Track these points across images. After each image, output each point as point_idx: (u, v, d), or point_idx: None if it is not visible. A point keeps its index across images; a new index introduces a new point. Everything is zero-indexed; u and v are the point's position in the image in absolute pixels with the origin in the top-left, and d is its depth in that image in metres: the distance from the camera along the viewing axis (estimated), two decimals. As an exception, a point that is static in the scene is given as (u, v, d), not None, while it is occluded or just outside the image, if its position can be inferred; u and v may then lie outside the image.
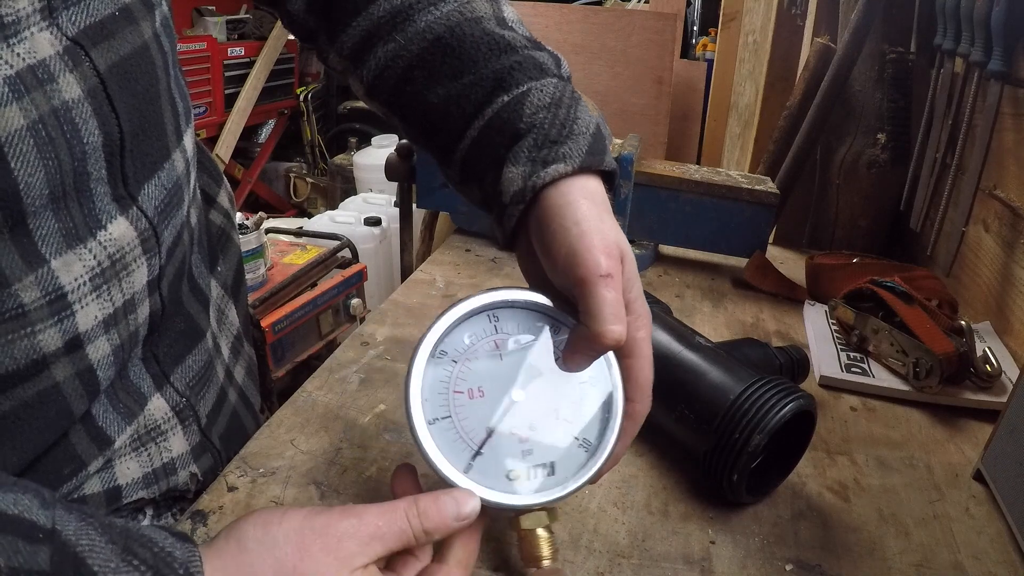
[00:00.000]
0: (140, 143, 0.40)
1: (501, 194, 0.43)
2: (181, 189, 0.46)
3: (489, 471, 0.39)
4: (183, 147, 0.46)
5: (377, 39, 0.47)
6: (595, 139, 0.44)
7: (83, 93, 0.36)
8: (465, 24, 0.46)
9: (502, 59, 0.45)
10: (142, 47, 0.40)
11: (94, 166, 0.37)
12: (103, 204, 0.38)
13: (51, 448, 0.40)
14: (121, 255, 0.40)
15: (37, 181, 0.34)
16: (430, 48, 0.46)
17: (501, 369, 0.41)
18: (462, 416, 0.40)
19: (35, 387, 0.38)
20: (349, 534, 0.35)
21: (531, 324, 0.42)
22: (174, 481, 0.49)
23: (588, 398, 0.41)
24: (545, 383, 0.41)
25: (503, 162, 0.43)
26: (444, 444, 0.39)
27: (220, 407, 0.55)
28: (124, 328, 0.42)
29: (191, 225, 0.49)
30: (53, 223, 0.36)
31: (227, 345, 0.59)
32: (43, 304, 0.36)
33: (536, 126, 0.43)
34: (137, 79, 0.40)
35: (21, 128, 0.33)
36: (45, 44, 0.34)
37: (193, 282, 0.53)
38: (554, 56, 0.48)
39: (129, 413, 0.45)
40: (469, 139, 0.45)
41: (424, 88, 0.46)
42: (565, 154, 0.42)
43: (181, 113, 0.46)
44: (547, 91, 0.44)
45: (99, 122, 0.37)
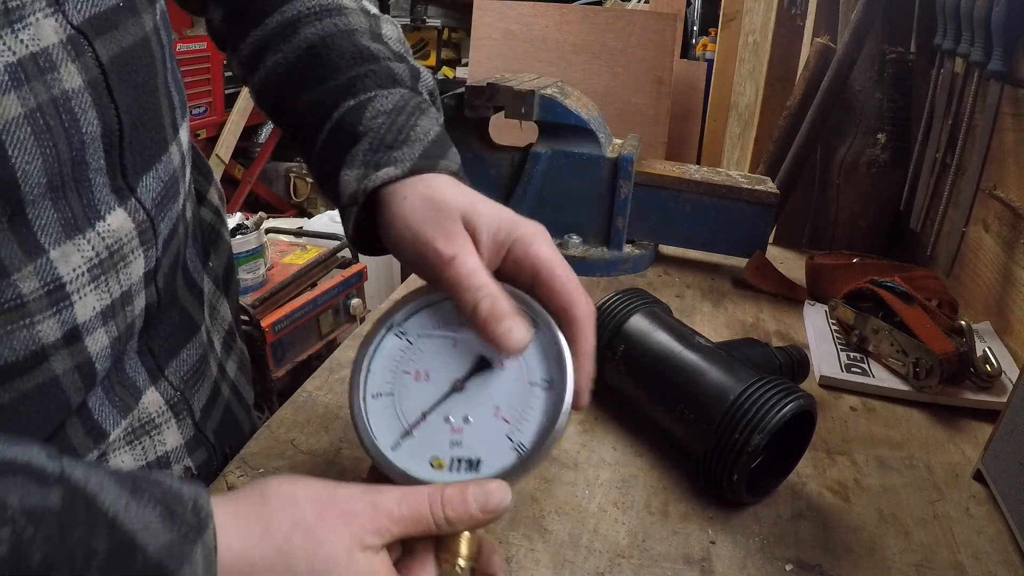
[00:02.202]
0: (139, 135, 0.40)
1: (339, 196, 0.45)
2: (177, 182, 0.46)
3: (415, 454, 0.39)
4: (179, 140, 0.46)
5: (268, 49, 0.50)
6: (431, 146, 0.45)
7: (84, 83, 0.36)
8: (338, 35, 0.49)
9: (360, 67, 0.48)
10: (143, 39, 0.40)
11: (93, 156, 0.37)
12: (102, 195, 0.38)
13: (48, 441, 0.40)
14: (119, 246, 0.40)
15: (35, 170, 0.34)
16: (303, 56, 0.49)
17: (452, 357, 0.41)
18: (403, 396, 0.40)
19: (34, 379, 0.38)
20: (367, 511, 0.35)
21: None
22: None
23: (535, 402, 0.39)
24: (493, 378, 0.40)
25: (341, 164, 0.45)
26: (380, 419, 0.40)
27: (214, 401, 0.55)
28: (121, 320, 0.42)
29: (186, 218, 0.50)
30: (52, 213, 0.36)
31: (219, 340, 0.59)
32: (42, 295, 0.36)
33: (373, 130, 0.45)
34: (138, 71, 0.40)
35: (19, 116, 0.32)
36: (49, 31, 0.34)
37: (188, 275, 0.53)
38: (413, 69, 0.50)
39: (124, 406, 0.45)
40: (320, 142, 0.47)
41: (294, 94, 0.49)
42: (397, 158, 0.44)
43: (177, 107, 0.46)
44: (391, 99, 0.46)
45: (98, 113, 0.37)
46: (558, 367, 0.39)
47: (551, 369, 0.39)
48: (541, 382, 0.39)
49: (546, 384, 0.39)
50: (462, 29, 4.41)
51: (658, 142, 2.21)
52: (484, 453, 0.39)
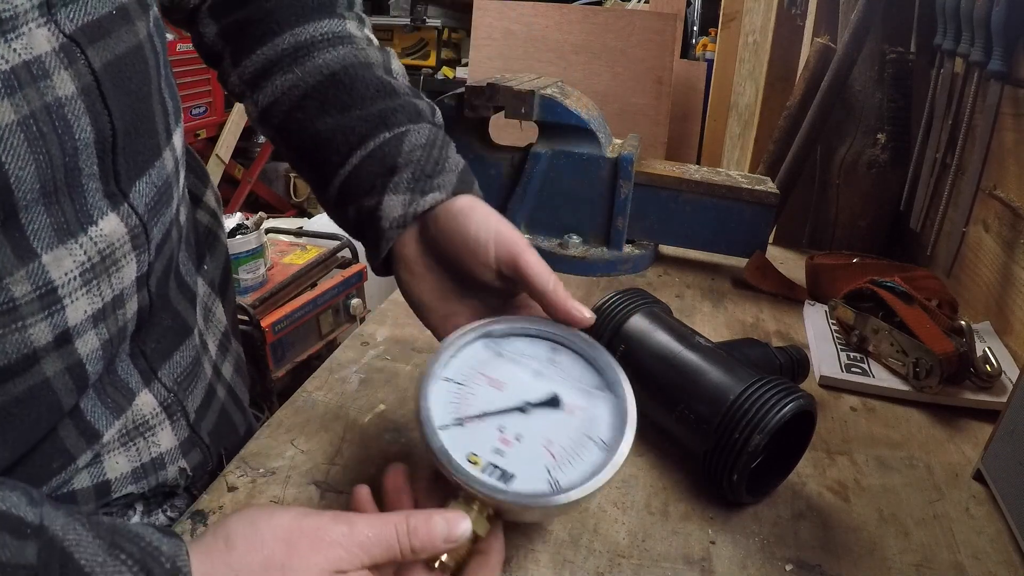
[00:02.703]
0: (132, 141, 0.41)
1: (380, 219, 0.49)
2: (171, 187, 0.46)
3: (458, 442, 0.40)
4: (173, 146, 0.47)
5: (277, 69, 0.53)
6: (463, 173, 0.51)
7: (77, 90, 0.36)
8: (359, 66, 0.53)
9: (387, 101, 0.52)
10: (137, 46, 0.41)
11: (86, 162, 0.37)
12: (95, 200, 0.39)
13: (40, 443, 0.41)
14: (111, 251, 0.40)
15: (28, 176, 0.34)
16: (325, 82, 0.52)
17: (530, 383, 0.44)
18: (472, 392, 0.43)
19: (26, 382, 0.38)
20: (338, 540, 0.36)
21: (587, 372, 0.46)
22: (163, 476, 0.50)
23: (586, 455, 0.41)
24: (558, 416, 0.43)
25: (383, 191, 0.49)
26: (441, 399, 0.42)
27: (209, 403, 0.55)
28: (113, 323, 0.42)
29: (179, 223, 0.50)
30: (45, 218, 0.36)
31: (214, 342, 0.59)
32: (34, 298, 0.36)
33: (413, 162, 0.50)
34: (131, 78, 0.40)
35: (12, 123, 0.33)
36: (42, 40, 0.34)
37: (180, 279, 0.53)
38: (431, 105, 0.55)
39: (117, 408, 0.46)
40: (350, 166, 0.50)
41: (314, 116, 0.52)
42: (439, 184, 0.49)
43: (171, 112, 0.47)
44: (423, 134, 0.51)
45: (92, 119, 0.37)
46: (619, 435, 0.41)
47: (613, 434, 0.42)
48: (599, 441, 0.42)
49: (603, 445, 0.42)
50: (462, 29, 4.40)
51: (658, 142, 2.21)
52: (520, 472, 0.40)
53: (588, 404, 0.44)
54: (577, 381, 0.45)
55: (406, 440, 0.57)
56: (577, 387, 0.45)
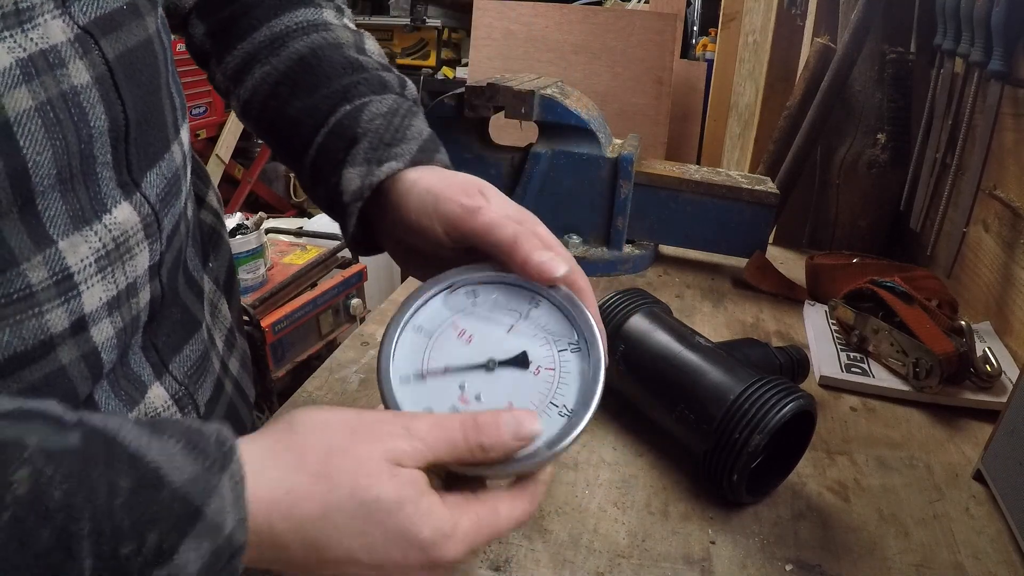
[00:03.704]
0: (143, 132, 0.42)
1: (342, 194, 0.48)
2: (180, 180, 0.47)
3: (416, 397, 0.39)
4: (181, 140, 0.48)
5: (256, 61, 0.53)
6: (427, 141, 0.49)
7: (91, 79, 0.37)
8: (327, 47, 0.53)
9: (352, 76, 0.51)
10: (147, 40, 0.42)
11: (100, 150, 0.38)
12: (108, 189, 0.40)
13: None
14: (125, 238, 0.41)
15: (45, 160, 0.35)
16: (294, 67, 0.52)
17: (501, 339, 0.41)
18: (440, 343, 0.41)
19: (42, 369, 0.38)
20: (401, 434, 0.35)
21: (563, 330, 0.42)
22: None
23: (547, 421, 0.39)
24: (523, 378, 0.40)
25: (342, 164, 0.48)
26: (406, 350, 0.41)
27: (218, 397, 0.56)
28: (127, 311, 0.43)
29: (187, 217, 0.51)
30: (61, 205, 0.37)
31: (221, 338, 0.60)
32: (50, 284, 0.37)
33: (371, 131, 0.48)
34: (142, 70, 0.41)
35: (30, 109, 0.34)
36: (57, 31, 0.35)
37: (188, 274, 0.54)
38: (400, 78, 0.54)
39: (130, 400, 0.46)
40: (316, 145, 0.50)
41: (285, 102, 0.52)
42: (397, 154, 0.47)
43: (178, 108, 0.48)
44: (385, 103, 0.50)
45: (106, 108, 0.38)
46: (583, 406, 0.39)
47: (577, 404, 0.39)
48: (562, 408, 0.39)
49: (565, 413, 0.39)
50: (462, 29, 4.40)
51: (658, 142, 2.21)
52: None
53: (557, 365, 0.41)
54: (550, 339, 0.42)
55: (406, 440, 0.57)
56: (549, 346, 0.42)
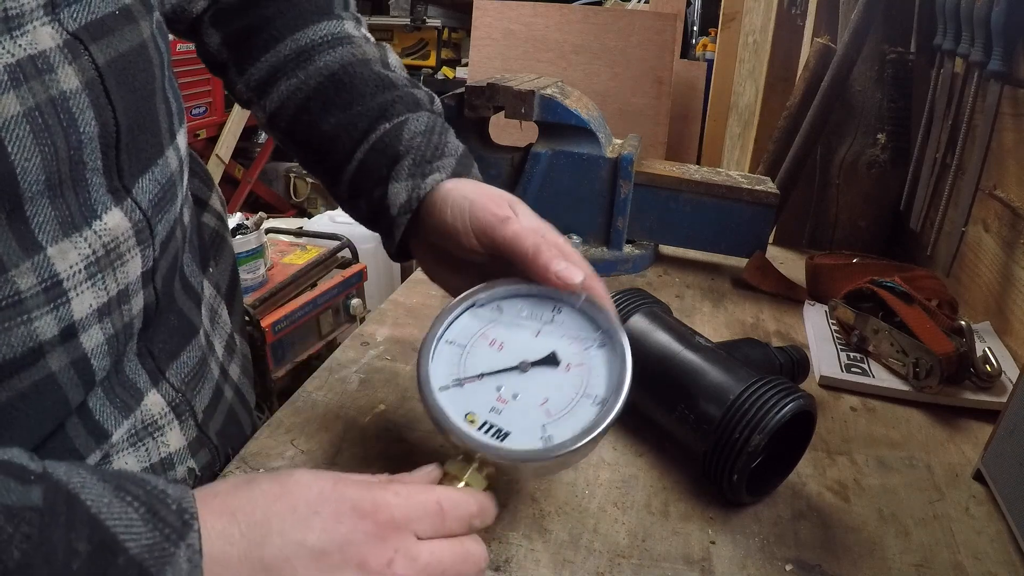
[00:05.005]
0: (135, 138, 0.41)
1: (389, 208, 0.51)
2: (175, 186, 0.47)
3: (456, 402, 0.42)
4: (176, 146, 0.47)
5: (282, 74, 0.55)
6: (463, 157, 0.53)
7: (81, 85, 0.36)
8: (357, 64, 0.55)
9: (386, 94, 0.54)
10: (140, 45, 0.41)
11: (90, 156, 0.38)
12: (98, 195, 0.39)
13: (48, 440, 0.41)
14: (115, 245, 0.40)
15: (34, 167, 0.34)
16: (326, 83, 0.54)
17: (530, 343, 0.45)
18: (472, 353, 0.44)
19: (31, 377, 0.38)
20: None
21: (587, 330, 0.46)
22: (172, 476, 0.50)
23: (581, 412, 0.42)
24: (556, 375, 0.43)
25: (387, 180, 0.51)
26: (442, 361, 0.44)
27: (216, 403, 0.56)
28: (118, 318, 0.42)
29: (183, 223, 0.50)
30: (50, 211, 0.36)
31: (221, 344, 0.60)
32: (39, 291, 0.36)
33: (414, 148, 0.52)
34: (135, 75, 0.41)
35: (18, 115, 0.33)
36: (46, 37, 0.35)
37: (185, 281, 0.53)
38: (429, 94, 0.57)
39: (126, 407, 0.46)
40: (356, 161, 0.53)
41: (319, 117, 0.54)
42: (439, 167, 0.51)
43: (175, 113, 0.47)
44: (422, 121, 0.53)
45: (96, 113, 0.37)
46: (615, 393, 0.42)
47: (608, 392, 0.42)
48: (595, 398, 0.42)
49: (599, 401, 0.42)
50: (462, 29, 4.40)
51: (658, 142, 2.21)
52: (515, 429, 0.41)
53: (585, 361, 0.44)
54: (576, 339, 0.45)
55: (407, 440, 0.57)
56: (576, 345, 0.45)
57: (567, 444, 0.40)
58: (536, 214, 0.50)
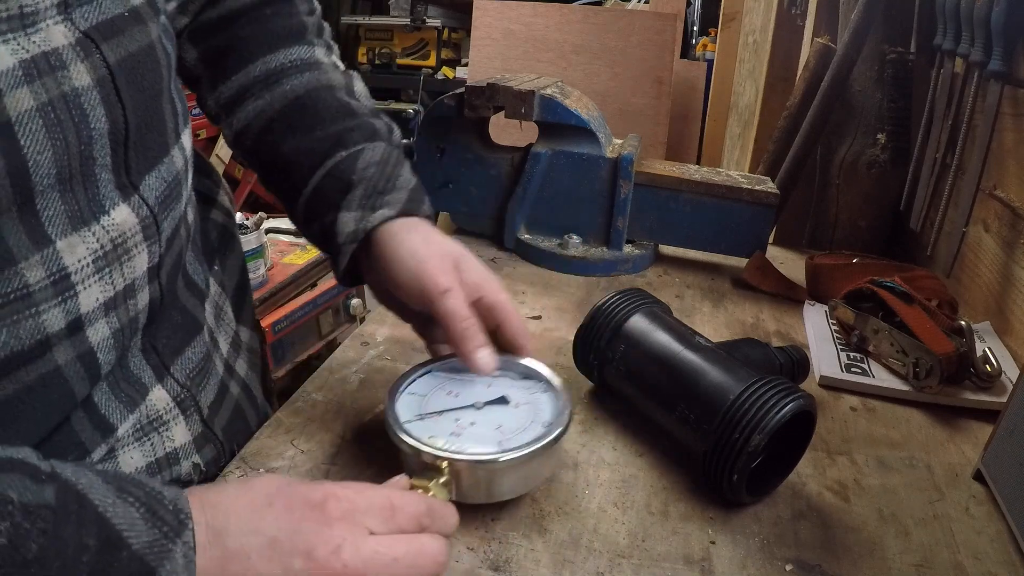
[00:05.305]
0: (143, 136, 0.42)
1: (336, 235, 0.53)
2: (180, 184, 0.47)
3: (420, 430, 0.48)
4: (181, 145, 0.48)
5: (250, 94, 0.57)
6: (414, 191, 0.55)
7: (92, 82, 0.38)
8: (322, 89, 0.57)
9: (345, 122, 0.56)
10: (148, 46, 0.43)
11: (100, 152, 0.39)
12: (107, 190, 0.40)
13: (54, 433, 0.42)
14: (123, 240, 0.41)
15: (45, 160, 0.36)
16: (290, 106, 0.56)
17: (482, 392, 0.52)
18: (432, 399, 0.51)
19: (38, 370, 0.39)
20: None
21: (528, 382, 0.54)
22: (177, 471, 0.50)
23: (530, 430, 0.48)
24: (508, 410, 0.51)
25: (339, 208, 0.53)
26: (405, 405, 0.51)
27: (222, 399, 0.56)
28: (124, 312, 0.43)
29: (188, 222, 0.51)
30: (59, 205, 0.37)
31: (226, 340, 0.60)
32: (47, 284, 0.37)
33: (366, 179, 0.54)
34: (143, 75, 0.42)
35: (31, 109, 0.34)
36: (59, 35, 0.36)
37: (188, 278, 0.54)
38: (388, 125, 0.59)
39: (131, 402, 0.46)
40: (311, 186, 0.55)
41: (280, 139, 0.56)
42: (389, 201, 0.53)
43: (180, 113, 0.48)
44: (377, 152, 0.55)
45: (106, 110, 0.39)
46: (560, 417, 0.50)
47: (554, 417, 0.50)
48: (543, 423, 0.49)
49: (546, 423, 0.49)
50: (462, 29, 4.40)
51: (658, 142, 2.21)
52: (473, 447, 0.47)
53: (532, 401, 0.52)
54: (523, 387, 0.53)
55: (406, 440, 0.57)
56: (523, 392, 0.52)
57: (520, 448, 0.46)
58: (483, 270, 0.54)
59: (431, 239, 0.53)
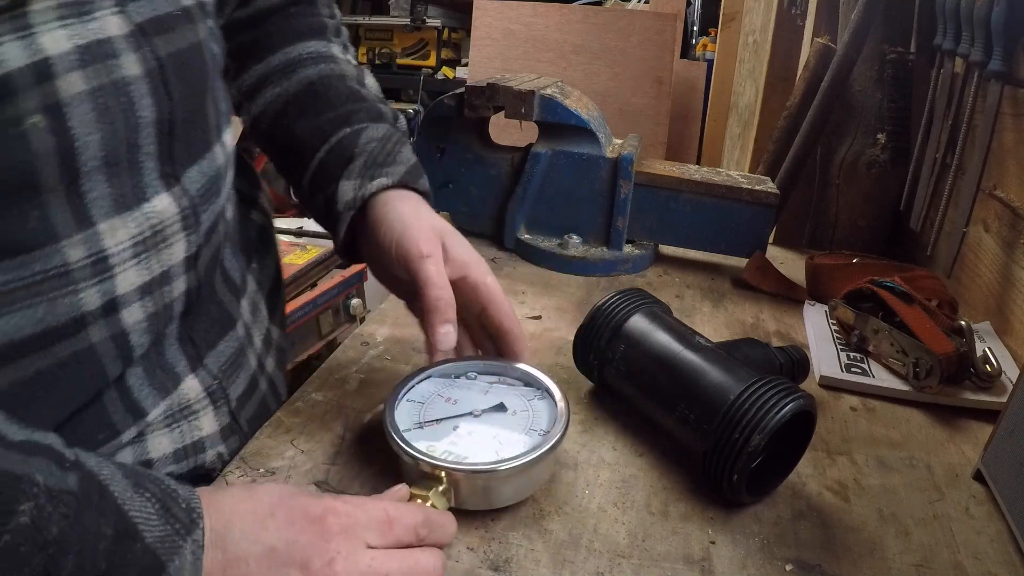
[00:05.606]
0: (187, 130, 0.44)
1: (336, 203, 0.55)
2: (220, 180, 0.49)
3: (419, 439, 0.49)
4: (223, 143, 0.50)
5: (269, 82, 0.61)
6: (413, 167, 0.58)
7: (142, 73, 0.39)
8: (333, 77, 0.61)
9: (353, 105, 0.60)
10: (196, 45, 0.45)
11: (145, 140, 0.41)
12: (150, 179, 0.42)
13: (86, 411, 0.43)
14: (162, 227, 0.43)
15: (94, 143, 0.37)
16: (304, 91, 0.60)
17: (480, 398, 0.53)
18: (430, 407, 0.52)
19: (72, 347, 0.40)
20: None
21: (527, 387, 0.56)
22: (202, 459, 0.51)
23: (527, 439, 0.50)
24: (505, 417, 0.52)
25: (339, 177, 0.56)
26: (404, 413, 0.52)
27: (251, 393, 0.58)
28: (159, 298, 0.45)
29: (226, 219, 0.53)
30: (104, 188, 0.39)
31: (260, 336, 0.62)
32: (87, 264, 0.39)
33: (367, 152, 0.57)
34: (191, 71, 0.44)
35: (83, 92, 0.36)
36: (113, 26, 0.38)
37: (225, 274, 0.56)
38: (394, 112, 0.63)
39: (164, 389, 0.48)
40: (317, 160, 0.58)
41: (293, 121, 0.60)
42: (388, 172, 0.56)
43: (223, 112, 0.50)
44: (380, 130, 0.59)
45: (154, 101, 0.40)
46: (555, 425, 0.51)
47: (550, 425, 0.51)
48: (539, 430, 0.50)
49: (542, 432, 0.50)
50: (462, 29, 4.40)
51: (658, 142, 2.21)
52: (471, 456, 0.48)
53: (529, 408, 0.53)
54: (520, 395, 0.54)
55: (406, 440, 0.57)
56: (520, 399, 0.53)
57: (518, 458, 0.47)
58: (468, 249, 0.55)
59: (421, 211, 0.55)
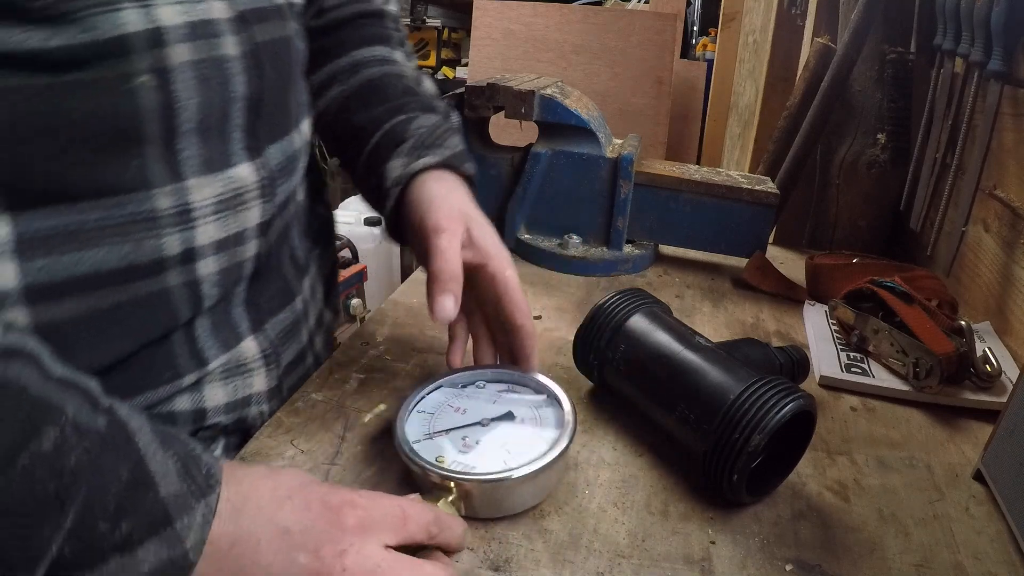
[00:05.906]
0: (271, 111, 0.49)
1: (384, 180, 0.59)
2: (296, 162, 0.54)
3: (428, 450, 0.49)
4: (301, 131, 0.55)
5: (335, 81, 0.67)
6: (459, 152, 0.62)
7: (239, 54, 0.45)
8: (392, 76, 0.67)
9: (408, 98, 0.65)
10: (286, 38, 0.51)
11: (235, 113, 0.46)
12: (236, 148, 0.47)
13: (156, 347, 0.47)
14: (242, 192, 0.48)
15: (191, 107, 0.42)
16: (365, 87, 0.66)
17: (489, 407, 0.54)
18: (440, 417, 0.53)
19: (150, 286, 0.44)
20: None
21: (532, 395, 0.56)
22: (246, 413, 0.56)
23: (535, 447, 0.50)
24: (513, 426, 0.53)
25: (388, 158, 0.60)
26: (414, 424, 0.52)
27: (298, 364, 0.63)
28: (232, 256, 0.49)
29: (297, 200, 0.59)
30: (196, 148, 0.44)
31: (314, 315, 0.66)
32: (173, 213, 0.43)
33: (416, 136, 0.61)
34: (280, 60, 0.50)
35: (187, 62, 0.41)
36: (219, 10, 0.43)
37: (292, 252, 0.61)
38: (448, 108, 0.67)
39: (226, 344, 0.52)
40: (372, 144, 0.62)
41: (353, 113, 0.65)
42: (434, 153, 0.60)
43: (303, 104, 0.56)
44: (430, 120, 0.63)
45: (246, 80, 0.46)
46: (564, 433, 0.51)
47: (558, 432, 0.51)
48: (548, 438, 0.51)
49: (550, 440, 0.51)
50: (462, 29, 4.40)
51: (658, 142, 2.21)
52: (480, 465, 0.48)
53: (537, 416, 0.54)
54: (528, 403, 0.55)
55: (406, 440, 0.57)
56: (528, 407, 0.54)
57: (527, 466, 0.47)
58: (494, 238, 0.56)
59: (455, 192, 0.58)
